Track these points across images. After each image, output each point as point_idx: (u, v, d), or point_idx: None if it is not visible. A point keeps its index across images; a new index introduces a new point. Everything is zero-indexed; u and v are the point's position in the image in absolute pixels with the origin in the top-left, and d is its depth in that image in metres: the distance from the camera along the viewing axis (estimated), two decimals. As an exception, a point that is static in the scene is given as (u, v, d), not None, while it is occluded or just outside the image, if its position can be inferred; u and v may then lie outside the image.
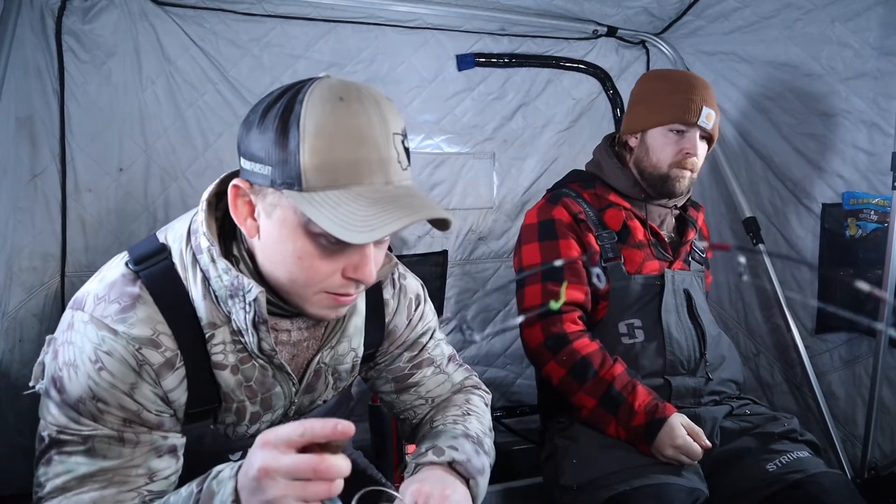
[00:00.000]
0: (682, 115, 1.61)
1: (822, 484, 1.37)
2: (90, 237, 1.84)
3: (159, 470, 0.92)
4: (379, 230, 0.78)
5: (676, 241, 1.74)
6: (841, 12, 1.76)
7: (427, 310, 1.22)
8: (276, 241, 0.87)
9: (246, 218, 0.88)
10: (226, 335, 0.94)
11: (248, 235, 0.90)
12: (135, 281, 0.91)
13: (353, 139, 0.81)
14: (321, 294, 0.90)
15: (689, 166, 1.64)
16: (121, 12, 1.76)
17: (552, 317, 1.57)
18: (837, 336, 1.95)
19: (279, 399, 1.04)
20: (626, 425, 1.46)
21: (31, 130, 1.71)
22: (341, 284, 0.89)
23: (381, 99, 0.85)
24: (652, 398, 1.48)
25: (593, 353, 1.53)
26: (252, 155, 0.85)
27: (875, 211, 1.79)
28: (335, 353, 1.09)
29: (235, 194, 0.88)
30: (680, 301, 1.63)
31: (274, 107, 0.83)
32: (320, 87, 0.83)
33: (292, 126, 0.80)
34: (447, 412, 1.17)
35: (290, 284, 0.89)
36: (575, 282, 1.61)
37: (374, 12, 2.00)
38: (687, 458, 1.41)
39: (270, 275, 0.91)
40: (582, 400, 1.52)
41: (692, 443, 1.40)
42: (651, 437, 1.42)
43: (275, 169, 0.82)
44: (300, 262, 0.86)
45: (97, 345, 0.87)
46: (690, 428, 1.43)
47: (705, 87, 1.65)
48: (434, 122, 2.20)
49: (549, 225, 1.66)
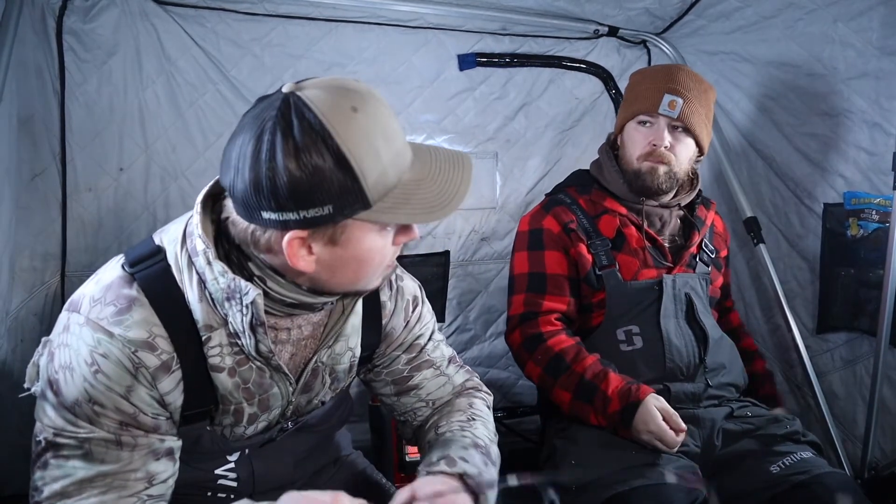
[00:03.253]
0: (643, 105, 1.59)
1: (826, 484, 1.36)
2: (90, 237, 1.84)
3: (157, 473, 0.92)
4: (455, 199, 0.87)
5: (680, 244, 1.69)
6: (843, 12, 1.76)
7: (425, 311, 1.22)
8: (342, 260, 0.89)
9: (302, 258, 0.86)
10: (222, 337, 0.94)
11: (307, 271, 0.88)
12: (131, 283, 0.91)
13: (386, 139, 0.84)
14: (384, 267, 0.97)
15: (659, 159, 1.59)
16: (121, 12, 1.76)
17: (530, 321, 1.59)
18: (838, 336, 1.95)
19: (277, 400, 1.03)
20: (604, 413, 1.47)
21: (32, 130, 1.71)
22: (395, 253, 0.97)
23: (372, 90, 0.87)
24: (625, 383, 1.47)
25: (567, 348, 1.53)
26: (302, 202, 0.80)
27: (876, 211, 1.79)
28: (332, 353, 1.09)
29: (298, 246, 0.85)
30: (680, 306, 1.61)
31: (303, 156, 0.78)
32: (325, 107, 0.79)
33: (340, 159, 0.79)
34: (452, 417, 1.16)
35: (357, 283, 0.95)
36: (556, 293, 1.61)
37: (375, 12, 2.00)
38: (661, 445, 1.41)
39: (327, 286, 0.94)
40: (559, 395, 1.53)
41: (666, 429, 1.40)
42: (627, 422, 1.43)
43: (336, 204, 0.81)
44: (373, 260, 0.91)
45: (93, 347, 0.87)
46: (665, 411, 1.42)
47: (675, 75, 1.59)
48: (436, 122, 2.20)
49: (537, 235, 1.66)
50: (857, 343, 1.89)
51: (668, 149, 1.59)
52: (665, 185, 1.61)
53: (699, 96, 1.60)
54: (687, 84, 1.59)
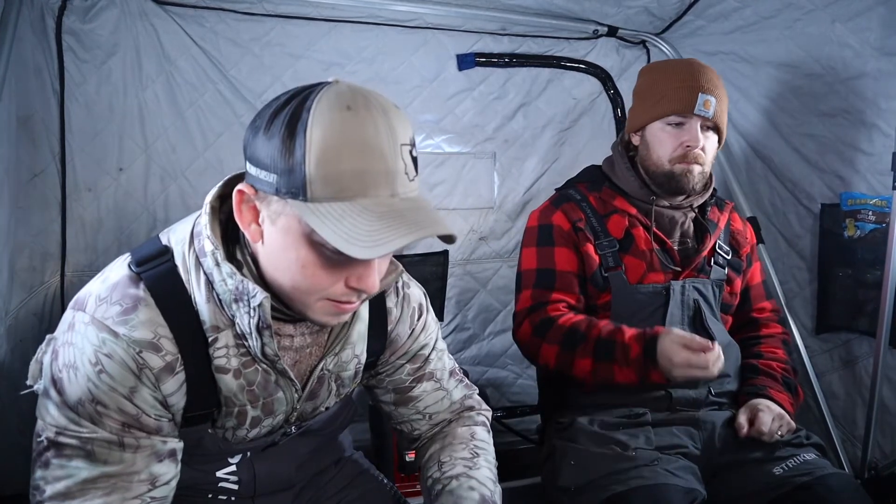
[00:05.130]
0: (676, 106, 1.53)
1: (829, 485, 1.35)
2: (90, 237, 1.84)
3: (160, 475, 0.92)
4: (383, 246, 0.77)
5: (692, 247, 1.64)
6: (841, 12, 1.76)
7: (430, 320, 1.21)
8: (279, 249, 0.86)
9: (250, 223, 0.88)
10: (229, 339, 0.94)
11: (252, 240, 0.89)
12: (137, 283, 0.91)
13: (360, 150, 0.79)
14: (323, 301, 0.89)
15: (694, 160, 1.55)
16: (121, 12, 1.76)
17: (538, 311, 1.56)
18: (837, 336, 1.95)
19: (281, 404, 1.03)
20: (627, 362, 1.43)
21: (31, 130, 1.71)
22: (344, 293, 0.89)
23: (390, 108, 0.83)
24: (640, 330, 1.44)
25: (578, 321, 1.50)
26: (258, 161, 0.83)
27: (873, 212, 1.79)
28: (339, 360, 1.08)
29: (240, 199, 0.87)
30: (687, 312, 1.57)
31: (281, 113, 0.81)
32: (328, 94, 0.81)
33: (299, 135, 0.79)
34: (455, 453, 1.16)
35: (293, 291, 0.89)
36: (565, 290, 1.58)
37: (374, 12, 2.00)
38: (700, 373, 1.35)
39: (273, 280, 0.90)
40: (581, 366, 1.49)
41: (691, 355, 1.34)
42: (653, 361, 1.38)
43: (280, 177, 0.81)
44: (303, 271, 0.86)
45: (98, 347, 0.86)
46: (682, 340, 1.37)
47: (702, 72, 1.55)
48: (435, 121, 2.20)
49: (547, 230, 1.63)
50: (857, 343, 1.90)
51: (702, 149, 1.55)
52: (699, 186, 1.58)
53: (723, 92, 1.58)
54: (715, 81, 1.56)
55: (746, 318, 1.72)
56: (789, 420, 1.49)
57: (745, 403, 1.53)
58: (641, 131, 1.63)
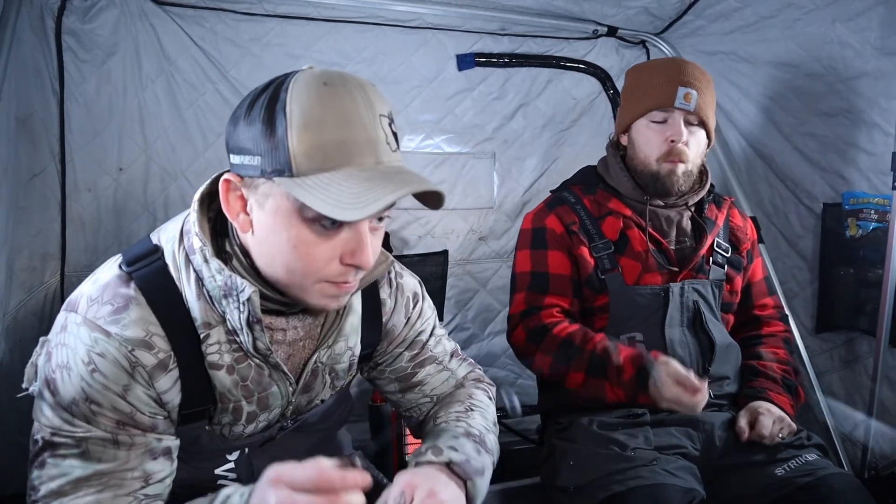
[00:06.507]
0: (657, 100, 1.53)
1: (832, 486, 1.34)
2: (90, 237, 1.84)
3: (154, 472, 0.92)
4: (372, 205, 0.78)
5: (690, 246, 1.63)
6: (841, 12, 1.76)
7: (426, 307, 1.21)
8: (270, 232, 0.86)
9: (238, 213, 0.88)
10: (221, 335, 0.94)
11: (242, 230, 0.89)
12: (128, 282, 0.91)
13: (340, 121, 0.81)
14: (320, 283, 0.89)
15: (678, 156, 1.53)
16: (120, 12, 1.77)
17: (532, 315, 1.56)
18: (837, 336, 1.95)
19: (276, 399, 1.03)
20: (619, 382, 1.43)
21: (31, 130, 1.71)
22: (340, 272, 0.89)
23: (365, 83, 0.86)
24: (636, 350, 1.44)
25: (574, 332, 1.50)
26: (241, 148, 0.85)
27: (875, 210, 1.79)
28: (332, 353, 1.08)
29: (227, 189, 0.88)
30: (686, 314, 1.57)
31: (259, 99, 0.84)
32: (304, 75, 0.84)
33: (279, 114, 0.81)
34: (450, 408, 1.16)
35: (289, 276, 0.89)
36: (559, 293, 1.58)
37: (374, 12, 2.00)
38: (685, 410, 1.37)
39: (267, 269, 0.90)
40: (574, 378, 1.49)
41: (682, 393, 1.35)
42: (644, 386, 1.39)
43: (264, 158, 0.82)
44: (296, 251, 0.86)
45: (90, 346, 0.87)
46: (677, 375, 1.36)
47: (683, 67, 1.55)
48: (434, 121, 2.20)
49: (540, 233, 1.63)
50: (857, 343, 1.89)
51: (686, 144, 1.54)
52: (684, 186, 1.57)
53: (707, 86, 1.57)
54: (697, 75, 1.55)
55: (748, 315, 1.71)
56: (790, 422, 1.48)
57: (745, 406, 1.52)
58: (628, 131, 1.64)
